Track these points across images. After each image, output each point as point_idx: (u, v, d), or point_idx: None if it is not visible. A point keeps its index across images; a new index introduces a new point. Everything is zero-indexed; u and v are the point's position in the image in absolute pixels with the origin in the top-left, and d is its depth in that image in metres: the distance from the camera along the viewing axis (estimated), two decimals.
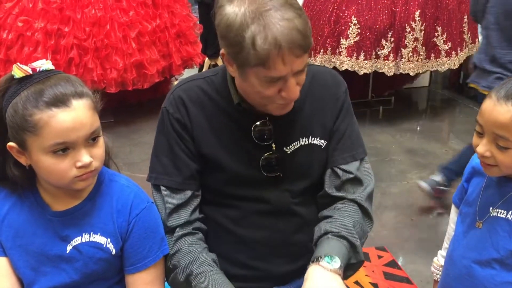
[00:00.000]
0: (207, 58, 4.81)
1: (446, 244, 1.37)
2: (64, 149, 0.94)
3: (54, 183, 1.00)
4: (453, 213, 1.35)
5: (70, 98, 0.93)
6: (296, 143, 1.16)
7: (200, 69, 4.99)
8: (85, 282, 1.06)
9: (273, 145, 1.14)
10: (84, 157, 0.95)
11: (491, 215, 1.14)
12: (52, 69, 0.98)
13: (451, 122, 4.22)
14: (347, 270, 1.09)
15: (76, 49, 3.32)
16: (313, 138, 1.17)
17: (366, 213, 1.18)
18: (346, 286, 1.02)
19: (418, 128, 4.00)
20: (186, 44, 3.92)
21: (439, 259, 1.39)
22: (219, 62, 5.06)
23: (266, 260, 1.19)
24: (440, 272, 1.37)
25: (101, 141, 1.00)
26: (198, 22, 4.23)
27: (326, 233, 1.10)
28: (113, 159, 1.15)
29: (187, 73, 4.34)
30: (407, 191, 2.98)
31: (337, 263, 1.02)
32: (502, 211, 1.12)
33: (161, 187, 1.15)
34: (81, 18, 3.33)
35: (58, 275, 1.05)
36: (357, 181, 1.18)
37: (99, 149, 0.99)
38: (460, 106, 4.42)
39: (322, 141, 1.18)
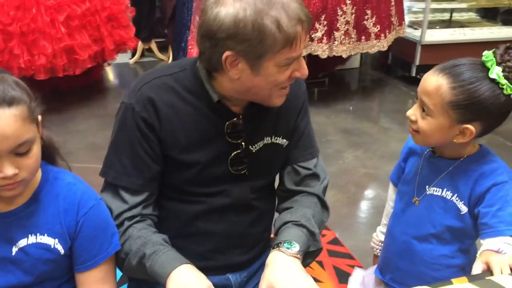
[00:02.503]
0: (140, 42, 4.69)
1: (384, 221, 1.46)
2: None
3: None
4: (391, 191, 1.43)
5: None
6: (261, 142, 1.18)
7: (134, 53, 4.87)
8: (33, 282, 1.04)
9: (243, 143, 1.15)
10: (7, 169, 0.89)
11: (427, 193, 1.22)
12: None
13: (381, 102, 4.40)
14: (307, 258, 1.14)
15: (0, 34, 3.12)
16: (276, 137, 1.19)
17: (324, 205, 1.24)
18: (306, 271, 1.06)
19: (351, 108, 4.14)
20: (119, 28, 3.79)
21: (378, 235, 1.48)
22: (153, 46, 4.95)
23: (223, 251, 1.22)
24: (380, 247, 1.45)
25: (34, 151, 0.93)
26: (129, 5, 4.10)
27: (286, 223, 1.15)
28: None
29: (120, 57, 4.22)
30: (343, 170, 3.09)
31: (296, 247, 1.06)
32: (437, 189, 1.20)
33: (119, 187, 1.12)
34: (4, 1, 3.11)
35: (4, 276, 1.02)
36: (315, 176, 1.24)
37: (29, 160, 0.92)
38: (389, 86, 4.61)
39: (285, 140, 1.21)
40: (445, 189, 1.19)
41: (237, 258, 1.24)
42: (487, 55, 1.09)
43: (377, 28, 3.76)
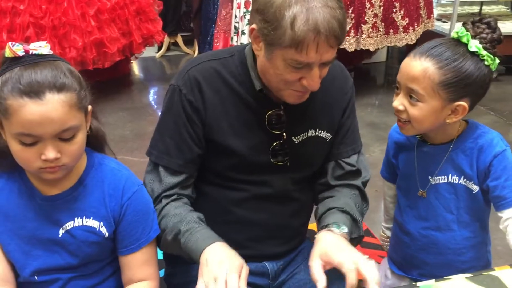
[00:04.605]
0: (166, 36, 4.73)
1: (386, 216, 1.47)
2: (26, 139, 0.91)
3: (24, 168, 0.99)
4: (385, 187, 1.44)
5: (45, 90, 0.89)
6: (304, 134, 1.18)
7: (160, 47, 4.92)
8: (79, 264, 1.07)
9: (284, 134, 1.15)
10: (49, 152, 0.92)
11: (432, 183, 1.21)
12: (46, 54, 0.95)
13: None
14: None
15: (33, 28, 3.19)
16: (320, 131, 1.19)
17: (364, 197, 1.25)
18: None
19: (377, 102, 4.11)
20: (146, 22, 3.83)
21: (385, 231, 1.49)
22: (179, 39, 4.99)
23: (260, 241, 1.23)
24: (388, 243, 1.45)
25: (78, 138, 0.96)
26: None
27: (330, 209, 1.16)
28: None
29: (146, 51, 4.27)
30: (370, 164, 3.04)
31: (344, 229, 1.08)
32: (442, 176, 1.20)
33: (160, 166, 1.14)
34: None
35: (51, 257, 1.05)
36: (357, 172, 1.24)
37: (72, 146, 0.95)
38: None
39: (328, 134, 1.20)
40: (450, 174, 1.19)
41: (274, 249, 1.25)
42: (461, 31, 1.10)
43: (406, 21, 3.72)
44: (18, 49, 0.92)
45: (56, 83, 0.91)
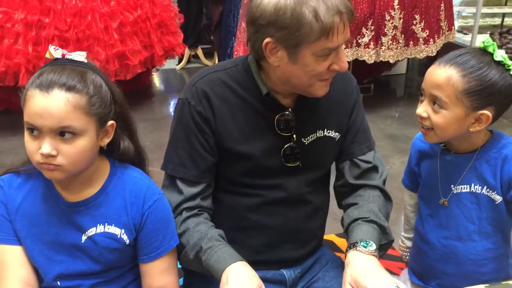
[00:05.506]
0: (187, 48, 4.79)
1: (406, 226, 1.46)
2: (32, 130, 0.95)
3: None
4: (407, 196, 1.43)
5: (54, 87, 0.94)
6: (313, 134, 1.20)
7: (181, 59, 4.98)
8: (101, 270, 1.09)
9: (294, 136, 1.17)
10: (45, 146, 0.94)
11: (454, 192, 1.21)
12: (78, 61, 1.00)
13: None
14: (379, 251, 1.15)
15: (58, 41, 3.26)
16: (328, 131, 1.21)
17: (386, 196, 1.25)
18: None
19: (397, 115, 4.09)
20: (168, 35, 3.89)
21: (405, 241, 1.47)
22: (199, 52, 5.05)
23: (277, 246, 1.23)
24: (407, 253, 1.44)
25: (79, 142, 0.97)
26: (178, 12, 4.21)
27: (355, 220, 1.16)
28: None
29: (167, 63, 4.33)
30: (390, 176, 3.02)
31: (372, 246, 1.09)
32: (465, 186, 1.19)
33: (177, 179, 1.16)
34: (62, 9, 3.26)
35: (73, 262, 1.08)
36: (375, 168, 1.25)
37: (71, 148, 0.96)
38: None
39: (337, 134, 1.23)
40: (473, 184, 1.18)
41: (291, 253, 1.25)
42: (487, 40, 1.10)
43: (426, 33, 3.70)
44: (56, 52, 0.99)
45: (67, 83, 0.95)
